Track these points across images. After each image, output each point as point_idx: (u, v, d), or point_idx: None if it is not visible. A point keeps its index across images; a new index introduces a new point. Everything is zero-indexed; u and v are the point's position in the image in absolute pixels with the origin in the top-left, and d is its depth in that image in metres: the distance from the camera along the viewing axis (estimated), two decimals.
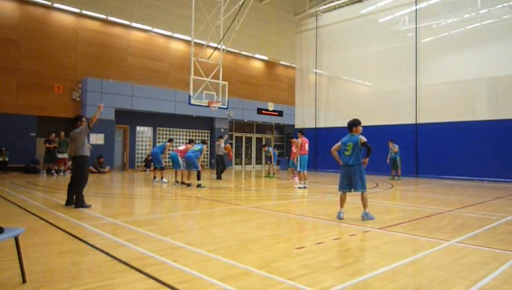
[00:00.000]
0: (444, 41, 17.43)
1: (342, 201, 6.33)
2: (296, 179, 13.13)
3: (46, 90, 17.06)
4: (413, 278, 3.42)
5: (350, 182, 6.24)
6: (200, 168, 11.31)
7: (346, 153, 6.27)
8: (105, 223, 5.76)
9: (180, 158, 12.08)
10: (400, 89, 18.32)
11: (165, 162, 14.07)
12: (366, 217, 6.15)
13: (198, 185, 11.12)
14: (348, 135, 6.38)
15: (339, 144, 6.46)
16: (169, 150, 13.39)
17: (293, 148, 12.92)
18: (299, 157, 11.60)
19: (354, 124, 6.37)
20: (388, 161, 14.98)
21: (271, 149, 16.83)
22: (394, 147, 14.83)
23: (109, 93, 17.97)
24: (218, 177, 14.80)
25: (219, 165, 15.08)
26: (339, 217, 6.20)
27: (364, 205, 6.26)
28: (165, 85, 20.57)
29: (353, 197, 7.37)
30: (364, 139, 6.16)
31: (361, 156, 6.23)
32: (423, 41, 17.53)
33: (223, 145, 15.55)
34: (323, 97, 21.72)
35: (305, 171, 11.70)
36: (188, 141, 13.57)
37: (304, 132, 12.22)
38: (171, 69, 21.15)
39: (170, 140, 13.84)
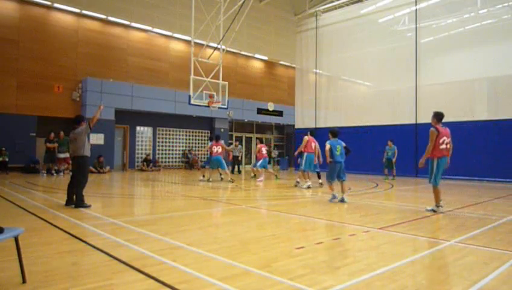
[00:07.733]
0: (443, 41, 17.41)
1: (335, 186, 8.46)
2: (260, 179, 13.68)
3: (46, 90, 17.07)
4: (413, 278, 3.42)
5: (339, 174, 8.39)
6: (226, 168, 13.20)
7: (338, 153, 8.33)
8: (105, 223, 5.76)
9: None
10: (400, 89, 18.30)
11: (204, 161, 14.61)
12: (338, 199, 8.14)
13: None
14: (333, 140, 8.45)
15: (329, 146, 8.33)
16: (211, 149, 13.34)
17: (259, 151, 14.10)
18: (305, 155, 11.55)
19: (338, 133, 8.63)
20: (384, 160, 15.18)
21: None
22: (392, 148, 15.03)
23: (109, 93, 17.97)
24: (232, 172, 17.82)
25: (234, 164, 18.46)
26: (333, 199, 8.23)
27: (343, 191, 8.26)
28: (164, 85, 20.57)
29: (351, 198, 7.35)
30: (343, 144, 8.52)
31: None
32: (423, 41, 17.51)
33: (239, 147, 18.92)
34: (323, 97, 21.70)
35: (307, 171, 11.73)
36: (215, 140, 13.30)
37: (314, 132, 12.62)
38: (170, 69, 21.15)
39: (217, 137, 13.55)
